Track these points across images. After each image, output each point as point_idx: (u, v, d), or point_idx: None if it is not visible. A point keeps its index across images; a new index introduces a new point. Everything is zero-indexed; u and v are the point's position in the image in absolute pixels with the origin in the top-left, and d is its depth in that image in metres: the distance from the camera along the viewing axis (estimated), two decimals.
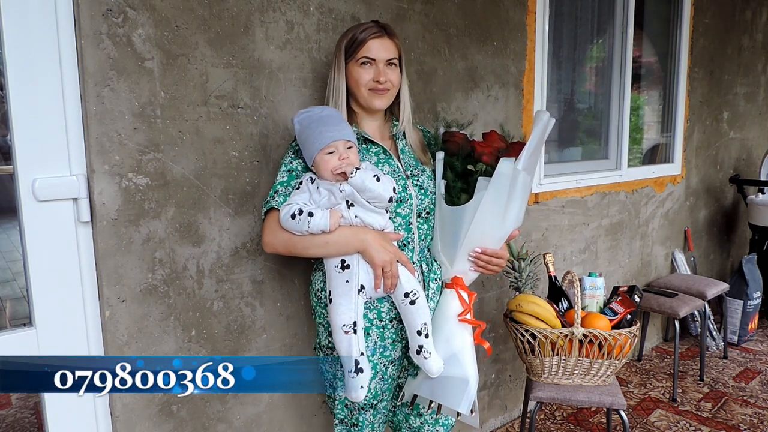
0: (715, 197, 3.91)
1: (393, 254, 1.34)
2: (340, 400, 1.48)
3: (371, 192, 1.31)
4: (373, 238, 1.33)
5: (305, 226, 1.29)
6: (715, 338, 3.51)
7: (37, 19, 1.26)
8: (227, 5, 1.51)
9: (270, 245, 1.38)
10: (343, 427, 1.51)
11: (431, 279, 1.50)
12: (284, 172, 1.42)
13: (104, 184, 1.36)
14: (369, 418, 1.49)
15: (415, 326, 1.37)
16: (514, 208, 1.42)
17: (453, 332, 1.45)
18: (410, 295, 1.36)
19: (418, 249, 1.48)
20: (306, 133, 1.35)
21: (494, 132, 1.53)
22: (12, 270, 3.13)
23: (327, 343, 1.48)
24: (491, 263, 1.47)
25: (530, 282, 2.06)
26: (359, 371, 1.32)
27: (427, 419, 1.58)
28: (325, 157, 1.32)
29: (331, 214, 1.31)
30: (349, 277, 1.34)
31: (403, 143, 1.54)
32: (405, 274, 1.37)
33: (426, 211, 1.49)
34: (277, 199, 1.37)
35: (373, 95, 1.44)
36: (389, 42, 1.44)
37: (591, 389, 1.97)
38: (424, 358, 1.38)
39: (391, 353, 1.46)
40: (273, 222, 1.36)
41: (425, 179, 1.50)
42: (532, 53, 2.45)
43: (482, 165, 1.44)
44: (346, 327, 1.32)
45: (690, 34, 3.38)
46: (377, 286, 1.35)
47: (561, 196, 2.70)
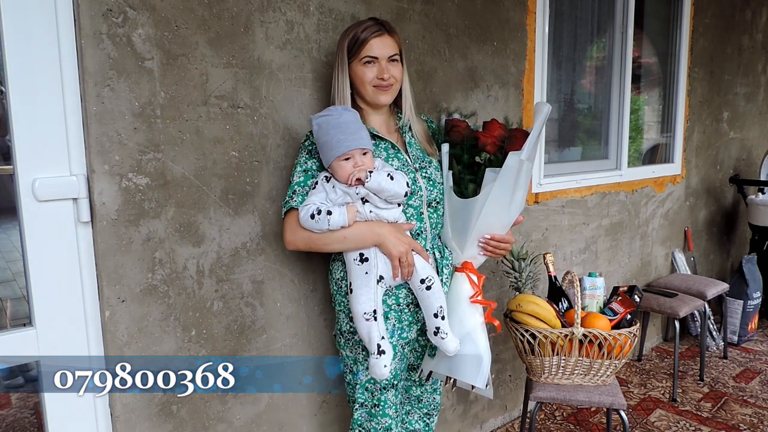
0: (715, 197, 3.91)
1: (408, 244, 1.43)
2: (361, 384, 1.53)
3: (387, 192, 1.40)
4: (389, 231, 1.42)
5: (325, 224, 1.38)
6: (715, 338, 3.51)
7: (37, 19, 1.26)
8: (227, 5, 1.51)
9: (291, 243, 1.47)
10: (364, 410, 1.54)
11: (444, 265, 1.59)
12: (300, 172, 1.49)
13: (104, 184, 1.36)
14: (391, 398, 1.54)
15: (432, 309, 1.48)
16: (518, 196, 1.54)
17: (465, 313, 1.56)
18: (426, 281, 1.46)
19: (430, 237, 1.58)
20: (324, 137, 1.41)
21: (495, 121, 1.61)
22: (12, 270, 3.13)
23: (348, 329, 1.54)
24: (499, 248, 1.59)
25: (530, 282, 2.06)
26: (381, 353, 1.41)
27: (427, 388, 1.72)
28: (342, 164, 1.39)
29: (348, 209, 1.39)
30: (368, 269, 1.43)
31: (410, 135, 1.61)
32: (420, 261, 1.46)
33: (436, 201, 1.58)
34: (295, 198, 1.45)
35: (378, 92, 1.51)
36: (389, 39, 1.51)
37: (591, 389, 1.97)
38: (441, 338, 1.48)
39: (408, 335, 1.55)
40: (293, 221, 1.45)
41: (433, 170, 1.58)
42: (532, 53, 2.45)
43: (487, 155, 1.54)
44: (366, 315, 1.41)
45: (690, 34, 3.38)
46: (395, 276, 1.44)
47: (561, 196, 2.70)
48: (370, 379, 1.52)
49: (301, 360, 1.79)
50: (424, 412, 1.74)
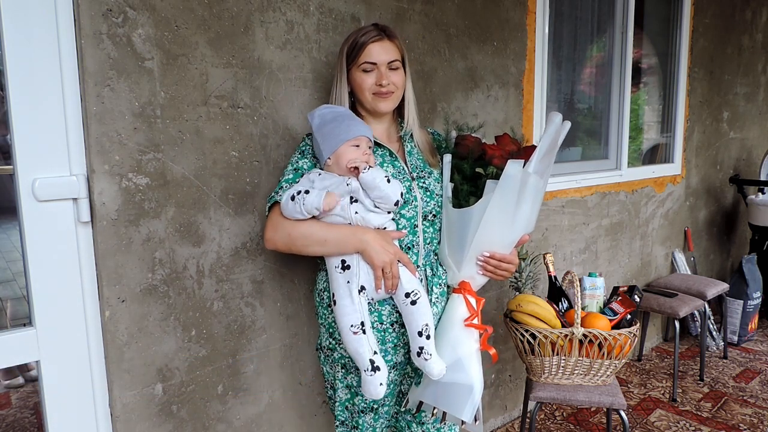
0: (715, 197, 3.91)
1: (393, 254, 1.32)
2: (340, 402, 1.48)
3: (380, 191, 1.30)
4: (373, 238, 1.31)
5: (300, 205, 1.28)
6: (715, 338, 3.51)
7: (37, 19, 1.26)
8: (227, 5, 1.51)
9: (270, 241, 1.37)
10: (344, 429, 1.51)
11: (435, 284, 1.47)
12: (290, 170, 1.42)
13: (104, 184, 1.36)
14: (369, 421, 1.48)
15: (416, 327, 1.34)
16: (524, 211, 1.39)
17: (458, 337, 1.41)
18: (411, 295, 1.33)
19: (423, 253, 1.46)
20: (331, 125, 1.34)
21: (507, 135, 1.50)
22: (12, 270, 3.13)
23: (327, 344, 1.48)
24: (500, 268, 1.43)
25: (530, 282, 2.06)
26: (376, 369, 1.30)
27: (429, 428, 1.55)
28: (351, 149, 1.32)
29: (327, 194, 1.29)
30: (350, 277, 1.32)
31: (411, 145, 1.53)
32: (406, 274, 1.35)
33: (432, 214, 1.47)
34: (281, 194, 1.36)
35: (377, 99, 1.44)
36: (389, 44, 1.43)
37: (591, 389, 1.97)
38: (425, 359, 1.34)
39: (393, 358, 1.44)
40: (276, 216, 1.36)
41: (432, 181, 1.48)
42: (532, 53, 2.45)
43: (493, 168, 1.42)
44: (354, 327, 1.30)
45: (690, 34, 3.38)
46: (378, 287, 1.33)
47: (561, 196, 2.71)
48: (349, 399, 1.46)
49: (301, 360, 1.79)
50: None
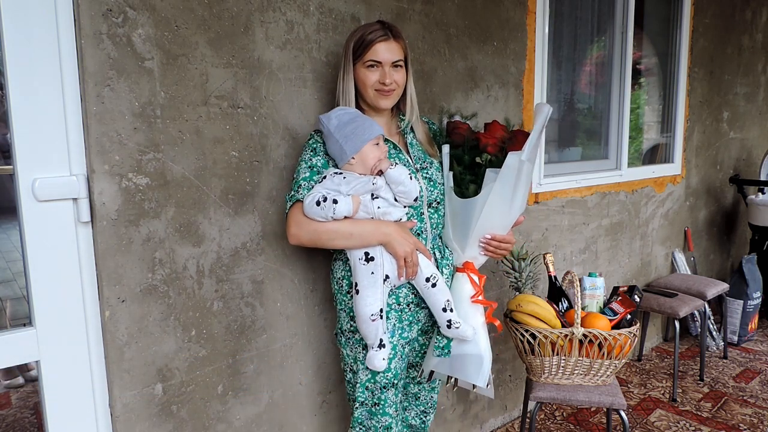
0: (715, 197, 3.91)
1: (413, 244, 1.44)
2: (362, 383, 1.52)
3: (404, 186, 1.43)
4: (395, 230, 1.42)
5: (330, 212, 1.37)
6: (715, 338, 3.51)
7: (37, 19, 1.26)
8: (227, 5, 1.51)
9: (295, 237, 1.44)
10: (364, 408, 1.54)
11: (444, 265, 1.61)
12: (305, 168, 1.47)
13: (104, 184, 1.36)
14: (391, 396, 1.54)
15: (440, 305, 1.50)
16: (519, 196, 1.54)
17: (467, 313, 1.57)
18: (431, 279, 1.49)
19: (431, 237, 1.59)
20: (352, 125, 1.42)
21: (496, 122, 1.63)
22: (12, 270, 3.14)
23: (349, 327, 1.54)
24: (500, 248, 1.60)
25: (530, 282, 2.06)
26: (382, 346, 1.45)
27: (425, 386, 1.74)
28: (373, 147, 1.42)
29: (353, 200, 1.39)
30: (374, 268, 1.43)
31: (411, 137, 1.62)
32: (424, 261, 1.48)
33: (436, 201, 1.59)
34: (301, 192, 1.43)
35: (378, 96, 1.51)
36: (395, 44, 1.50)
37: (591, 389, 1.97)
38: (456, 328, 1.52)
39: (408, 334, 1.56)
40: (298, 214, 1.42)
41: (434, 171, 1.59)
42: (532, 53, 2.45)
43: (488, 155, 1.56)
44: (373, 316, 1.42)
45: (690, 34, 3.38)
46: (400, 275, 1.45)
47: (561, 196, 2.71)
48: (370, 378, 1.52)
49: (301, 360, 1.79)
50: (420, 409, 1.76)
